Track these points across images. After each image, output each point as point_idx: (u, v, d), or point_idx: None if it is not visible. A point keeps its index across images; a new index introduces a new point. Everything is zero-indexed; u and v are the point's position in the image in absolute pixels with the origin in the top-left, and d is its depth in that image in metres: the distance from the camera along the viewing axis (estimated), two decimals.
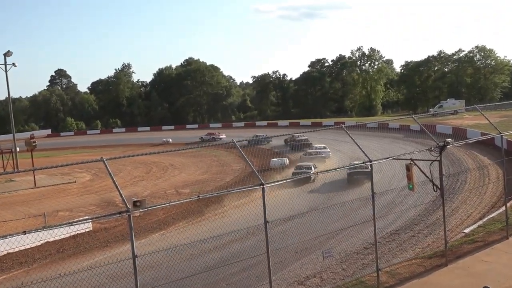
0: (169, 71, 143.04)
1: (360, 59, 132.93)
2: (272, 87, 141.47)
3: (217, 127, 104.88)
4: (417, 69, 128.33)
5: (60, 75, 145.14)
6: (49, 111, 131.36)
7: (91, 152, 76.54)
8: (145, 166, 53.03)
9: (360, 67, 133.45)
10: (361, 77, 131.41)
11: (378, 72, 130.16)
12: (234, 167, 48.05)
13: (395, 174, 28.13)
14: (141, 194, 35.85)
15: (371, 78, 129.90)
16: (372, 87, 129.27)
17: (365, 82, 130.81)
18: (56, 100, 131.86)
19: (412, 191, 14.25)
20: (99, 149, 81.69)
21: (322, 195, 29.06)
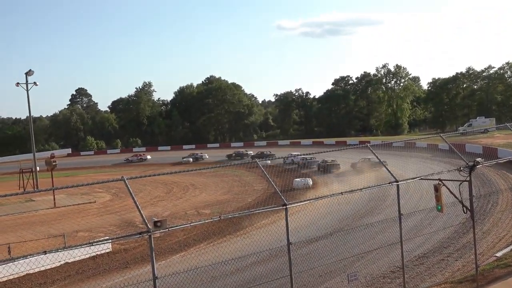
0: (190, 89, 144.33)
1: (385, 77, 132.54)
2: (295, 105, 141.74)
3: (239, 146, 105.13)
4: (445, 87, 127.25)
5: (80, 94, 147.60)
6: (70, 130, 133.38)
7: (111, 171, 77.31)
8: (166, 186, 53.30)
9: (385, 84, 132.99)
10: (387, 94, 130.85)
11: (405, 90, 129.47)
12: (256, 187, 48.02)
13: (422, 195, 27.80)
14: (161, 215, 35.99)
15: (397, 96, 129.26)
16: (398, 105, 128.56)
17: (391, 100, 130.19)
18: (77, 119, 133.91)
19: (440, 213, 14.06)
20: (119, 168, 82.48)
21: (347, 216, 28.84)
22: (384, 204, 32.51)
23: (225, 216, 11.00)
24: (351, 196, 14.01)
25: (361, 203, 31.91)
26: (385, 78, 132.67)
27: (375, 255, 19.50)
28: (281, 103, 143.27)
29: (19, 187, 54.57)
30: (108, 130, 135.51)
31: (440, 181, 13.41)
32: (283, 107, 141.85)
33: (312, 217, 21.81)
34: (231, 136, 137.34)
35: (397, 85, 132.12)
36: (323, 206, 16.80)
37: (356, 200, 30.22)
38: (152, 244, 9.28)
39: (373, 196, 33.99)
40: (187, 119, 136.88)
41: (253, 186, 48.63)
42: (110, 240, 14.31)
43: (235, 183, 52.23)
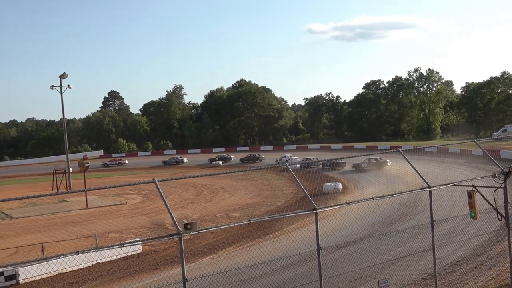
0: (220, 93, 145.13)
1: (417, 81, 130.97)
2: (325, 109, 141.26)
3: (268, 150, 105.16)
4: (479, 91, 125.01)
5: (113, 97, 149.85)
6: (102, 132, 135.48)
7: (142, 173, 78.17)
8: (196, 189, 53.61)
9: (417, 88, 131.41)
10: (419, 99, 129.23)
11: (437, 94, 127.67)
12: (285, 191, 47.94)
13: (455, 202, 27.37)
14: (191, 217, 36.24)
15: (430, 101, 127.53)
16: (431, 109, 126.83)
17: (423, 105, 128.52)
18: (109, 121, 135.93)
19: (474, 220, 13.81)
20: (150, 170, 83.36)
21: (378, 222, 28.55)
22: (416, 210, 32.08)
23: (254, 219, 11.01)
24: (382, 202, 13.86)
25: (392, 209, 31.56)
26: (417, 82, 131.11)
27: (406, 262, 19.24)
28: (311, 107, 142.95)
29: (53, 188, 55.65)
30: (140, 133, 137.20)
31: (474, 187, 13.18)
32: (313, 111, 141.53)
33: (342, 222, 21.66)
34: (261, 140, 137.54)
35: (430, 89, 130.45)
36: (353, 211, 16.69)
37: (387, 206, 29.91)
38: (182, 246, 9.35)
39: (404, 201, 33.60)
40: (217, 122, 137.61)
41: (282, 190, 48.56)
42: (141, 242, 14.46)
43: (264, 186, 52.23)
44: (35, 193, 37.15)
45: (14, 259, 25.81)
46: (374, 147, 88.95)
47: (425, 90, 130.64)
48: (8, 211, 45.40)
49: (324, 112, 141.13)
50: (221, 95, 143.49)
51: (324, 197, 40.03)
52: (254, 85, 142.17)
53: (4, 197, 9.24)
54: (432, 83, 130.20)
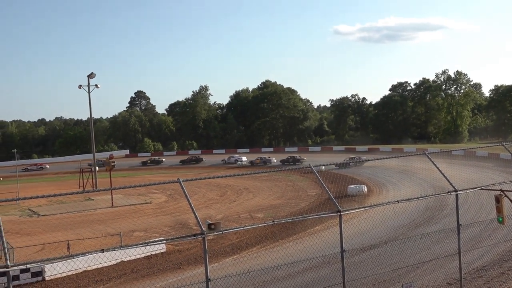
0: (245, 93, 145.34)
1: (445, 83, 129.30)
2: (351, 111, 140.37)
3: (293, 151, 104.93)
4: (508, 94, 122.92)
5: (139, 97, 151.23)
6: (128, 132, 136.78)
7: (167, 173, 78.77)
8: (220, 189, 53.81)
9: (445, 91, 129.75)
10: (446, 101, 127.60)
11: (465, 97, 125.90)
12: (309, 192, 47.81)
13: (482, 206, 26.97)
14: (214, 217, 36.38)
15: (457, 103, 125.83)
16: (458, 112, 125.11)
17: (451, 107, 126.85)
18: (135, 121, 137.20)
19: (502, 225, 13.57)
20: (174, 170, 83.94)
21: (402, 225, 28.28)
22: (441, 214, 31.70)
23: (278, 220, 11.01)
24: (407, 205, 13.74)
25: (417, 212, 31.24)
26: (445, 84, 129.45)
27: (431, 266, 19.01)
28: (336, 108, 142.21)
29: (79, 186, 56.45)
30: (165, 133, 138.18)
31: (502, 191, 12.96)
32: (338, 112, 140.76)
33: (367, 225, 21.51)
34: (286, 141, 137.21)
35: (457, 92, 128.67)
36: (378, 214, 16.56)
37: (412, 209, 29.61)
38: (205, 246, 9.39)
39: (429, 205, 33.25)
40: (242, 123, 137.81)
41: (306, 192, 48.44)
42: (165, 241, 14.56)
43: (288, 188, 52.16)
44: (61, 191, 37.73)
45: (41, 255, 26.26)
46: (400, 149, 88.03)
47: (453, 92, 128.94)
48: (36, 208, 46.22)
49: (350, 113, 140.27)
50: (246, 96, 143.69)
51: (349, 199, 39.83)
52: (280, 86, 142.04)
53: (32, 195, 9.40)
54: (460, 86, 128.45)
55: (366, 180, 52.05)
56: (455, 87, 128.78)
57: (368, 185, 47.40)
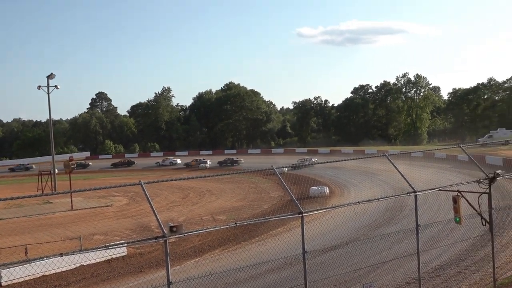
0: (208, 95, 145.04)
1: (405, 86, 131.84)
2: (313, 113, 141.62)
3: (256, 153, 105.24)
4: (466, 97, 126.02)
5: (100, 98, 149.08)
6: (89, 134, 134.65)
7: (128, 175, 77.83)
8: (182, 191, 53.50)
9: (405, 94, 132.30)
10: (406, 104, 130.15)
11: (424, 100, 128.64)
12: (272, 194, 47.97)
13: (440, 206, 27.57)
14: (177, 220, 36.13)
15: (417, 106, 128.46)
16: (418, 115, 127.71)
17: (410, 110, 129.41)
18: (96, 122, 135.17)
19: (459, 225, 13.91)
20: (136, 172, 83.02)
21: (363, 226, 28.64)
22: (401, 214, 32.25)
23: (240, 222, 11.01)
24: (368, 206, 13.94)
25: (378, 213, 31.67)
26: (405, 87, 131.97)
27: (391, 266, 19.34)
28: (299, 110, 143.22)
29: (38, 189, 55.21)
30: (127, 134, 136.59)
31: (459, 192, 13.27)
32: (301, 114, 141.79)
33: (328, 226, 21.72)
34: (249, 143, 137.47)
35: (417, 94, 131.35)
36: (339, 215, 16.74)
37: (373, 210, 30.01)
38: (167, 249, 9.32)
39: (390, 206, 33.78)
40: (205, 124, 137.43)
41: (269, 193, 48.59)
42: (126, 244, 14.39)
43: (251, 189, 52.24)
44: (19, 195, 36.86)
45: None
46: (361, 151, 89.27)
47: (413, 95, 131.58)
48: None
49: (312, 116, 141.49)
50: (209, 98, 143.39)
51: (311, 201, 40.14)
52: (243, 88, 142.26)
53: None
54: (420, 89, 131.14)
55: (328, 181, 52.58)
56: (415, 90, 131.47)
57: (330, 187, 47.88)
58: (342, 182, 51.87)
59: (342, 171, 58.26)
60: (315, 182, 49.90)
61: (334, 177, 55.23)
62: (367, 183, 46.56)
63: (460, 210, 13.24)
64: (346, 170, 57.80)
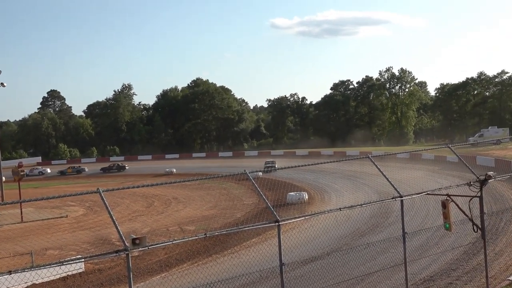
0: (174, 93, 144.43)
1: (389, 81, 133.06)
2: (290, 111, 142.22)
3: (227, 156, 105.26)
4: (454, 93, 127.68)
5: (53, 97, 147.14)
6: (40, 137, 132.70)
7: (85, 183, 76.99)
8: (146, 200, 53.15)
9: (389, 90, 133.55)
10: (391, 101, 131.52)
11: (410, 96, 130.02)
12: (245, 201, 47.98)
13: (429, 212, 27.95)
14: (140, 231, 35.86)
15: (402, 103, 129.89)
16: (403, 112, 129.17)
17: (395, 107, 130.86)
18: (48, 124, 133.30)
19: (449, 231, 14.09)
20: (94, 179, 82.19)
21: (346, 234, 28.84)
22: (387, 221, 32.59)
23: (211, 233, 10.96)
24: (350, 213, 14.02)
25: (362, 220, 31.91)
26: (389, 83, 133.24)
27: (377, 278, 19.49)
28: (274, 109, 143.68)
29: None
30: (83, 137, 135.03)
31: (448, 196, 13.45)
32: (276, 113, 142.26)
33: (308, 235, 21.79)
34: (219, 145, 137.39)
35: (402, 90, 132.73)
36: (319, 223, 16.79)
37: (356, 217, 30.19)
38: (129, 264, 9.23)
39: (374, 212, 34.10)
40: (170, 125, 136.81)
41: (242, 200, 48.59)
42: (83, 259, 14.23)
43: (222, 196, 52.17)
44: None
45: None
46: (343, 153, 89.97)
47: (397, 91, 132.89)
48: None
49: (289, 114, 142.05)
50: (175, 96, 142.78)
51: (288, 208, 40.25)
52: (212, 85, 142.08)
53: None
54: (405, 84, 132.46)
55: (307, 186, 52.83)
56: (400, 86, 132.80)
57: (309, 192, 48.11)
58: (322, 187, 52.20)
59: (322, 174, 58.64)
60: (292, 187, 50.05)
61: (314, 182, 55.56)
62: (349, 187, 47.00)
63: (449, 215, 13.42)
64: (326, 174, 58.22)
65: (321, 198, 46.48)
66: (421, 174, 49.04)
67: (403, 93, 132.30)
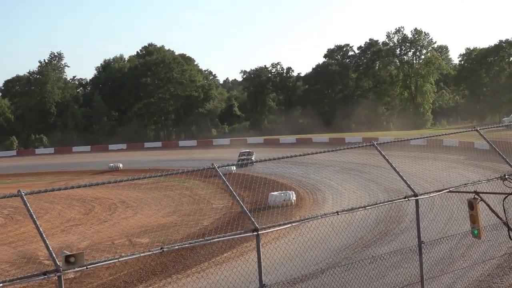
0: (119, 63, 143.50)
1: (400, 46, 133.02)
2: (271, 87, 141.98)
3: (191, 145, 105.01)
4: (485, 61, 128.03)
5: None
6: None
7: (3, 183, 76.33)
8: (84, 204, 52.93)
9: (400, 57, 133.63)
10: (402, 72, 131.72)
11: (427, 65, 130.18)
12: (215, 204, 47.98)
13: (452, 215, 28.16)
14: (76, 246, 35.73)
15: (417, 74, 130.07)
16: (418, 86, 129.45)
17: (408, 80, 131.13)
18: None
19: (477, 239, 14.22)
20: (15, 178, 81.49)
21: (346, 246, 29.01)
22: (399, 227, 32.84)
23: (170, 247, 10.95)
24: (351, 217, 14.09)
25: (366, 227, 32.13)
26: (400, 48, 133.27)
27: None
28: (251, 83, 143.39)
29: None
30: None
31: (477, 194, 13.55)
32: (254, 89, 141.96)
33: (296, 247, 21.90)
34: (179, 131, 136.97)
35: (417, 58, 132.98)
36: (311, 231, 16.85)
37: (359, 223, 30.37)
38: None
39: (382, 216, 34.26)
40: (115, 106, 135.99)
41: (210, 203, 48.58)
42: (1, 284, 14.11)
43: (184, 198, 52.12)
44: None
45: None
46: (340, 139, 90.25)
47: (411, 59, 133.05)
48: None
49: (270, 91, 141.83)
50: (120, 67, 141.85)
51: (271, 212, 40.29)
52: (169, 53, 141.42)
53: None
54: (420, 49, 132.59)
55: (295, 183, 52.95)
56: (414, 52, 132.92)
57: (297, 191, 48.21)
58: (314, 184, 52.35)
59: (314, 168, 58.75)
60: (276, 185, 50.09)
61: (303, 177, 55.64)
62: (349, 184, 47.17)
63: (478, 218, 13.52)
64: (319, 167, 58.32)
65: (313, 199, 46.65)
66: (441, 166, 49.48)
67: (418, 61, 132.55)
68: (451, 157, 55.36)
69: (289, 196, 45.01)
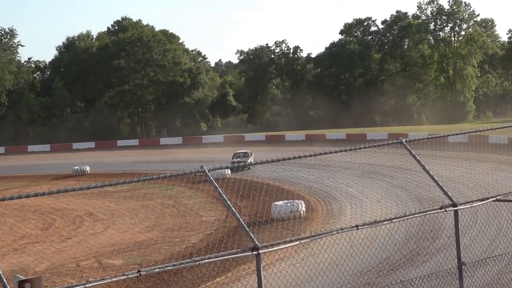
0: (85, 42, 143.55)
1: (434, 19, 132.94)
2: (275, 70, 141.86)
3: (175, 143, 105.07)
4: None
5: None
6: None
7: None
8: (42, 217, 52.87)
9: (435, 33, 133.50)
10: (437, 51, 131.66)
11: (468, 43, 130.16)
12: (205, 217, 48.01)
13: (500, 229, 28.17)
14: (33, 269, 35.74)
15: (456, 54, 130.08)
16: (458, 69, 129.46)
17: (445, 61, 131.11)
18: None
19: None
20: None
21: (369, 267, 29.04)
22: (433, 245, 32.86)
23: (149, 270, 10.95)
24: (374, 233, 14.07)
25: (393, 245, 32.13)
26: (435, 22, 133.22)
27: None
28: (250, 67, 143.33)
29: None
30: None
31: None
32: (253, 74, 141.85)
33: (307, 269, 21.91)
34: (161, 126, 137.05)
35: (456, 34, 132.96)
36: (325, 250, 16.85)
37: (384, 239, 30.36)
38: None
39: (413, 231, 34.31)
40: (80, 95, 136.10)
41: (199, 216, 48.60)
42: None
43: (167, 209, 52.15)
44: None
45: None
46: (361, 135, 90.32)
47: (448, 36, 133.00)
48: None
49: (273, 75, 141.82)
50: (87, 47, 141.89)
51: (274, 227, 40.33)
52: (148, 29, 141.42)
53: None
54: (460, 24, 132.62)
55: (305, 191, 52.97)
56: (452, 27, 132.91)
57: (307, 200, 48.19)
58: (328, 191, 52.36)
59: (328, 171, 58.73)
60: (281, 192, 50.03)
61: (315, 183, 55.68)
62: (371, 191, 47.16)
63: None
64: (335, 170, 58.35)
65: (327, 210, 46.67)
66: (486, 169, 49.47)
67: (458, 38, 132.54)
68: (499, 157, 55.35)
69: (297, 207, 44.97)
